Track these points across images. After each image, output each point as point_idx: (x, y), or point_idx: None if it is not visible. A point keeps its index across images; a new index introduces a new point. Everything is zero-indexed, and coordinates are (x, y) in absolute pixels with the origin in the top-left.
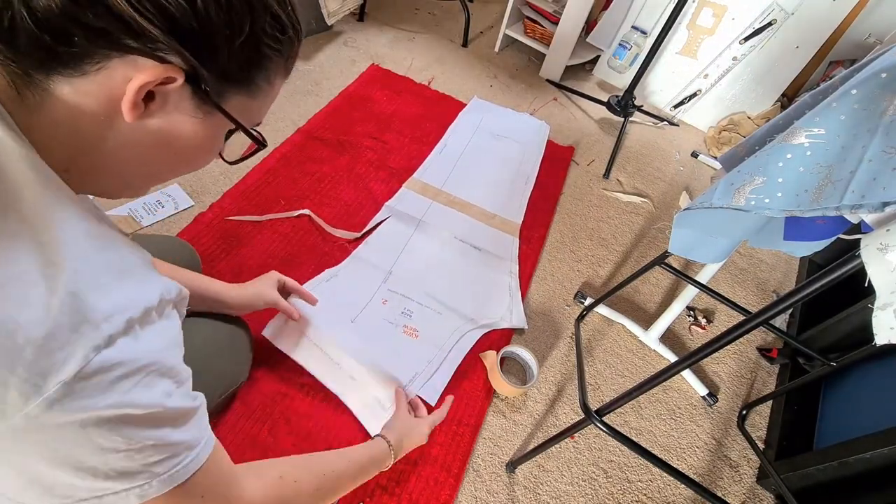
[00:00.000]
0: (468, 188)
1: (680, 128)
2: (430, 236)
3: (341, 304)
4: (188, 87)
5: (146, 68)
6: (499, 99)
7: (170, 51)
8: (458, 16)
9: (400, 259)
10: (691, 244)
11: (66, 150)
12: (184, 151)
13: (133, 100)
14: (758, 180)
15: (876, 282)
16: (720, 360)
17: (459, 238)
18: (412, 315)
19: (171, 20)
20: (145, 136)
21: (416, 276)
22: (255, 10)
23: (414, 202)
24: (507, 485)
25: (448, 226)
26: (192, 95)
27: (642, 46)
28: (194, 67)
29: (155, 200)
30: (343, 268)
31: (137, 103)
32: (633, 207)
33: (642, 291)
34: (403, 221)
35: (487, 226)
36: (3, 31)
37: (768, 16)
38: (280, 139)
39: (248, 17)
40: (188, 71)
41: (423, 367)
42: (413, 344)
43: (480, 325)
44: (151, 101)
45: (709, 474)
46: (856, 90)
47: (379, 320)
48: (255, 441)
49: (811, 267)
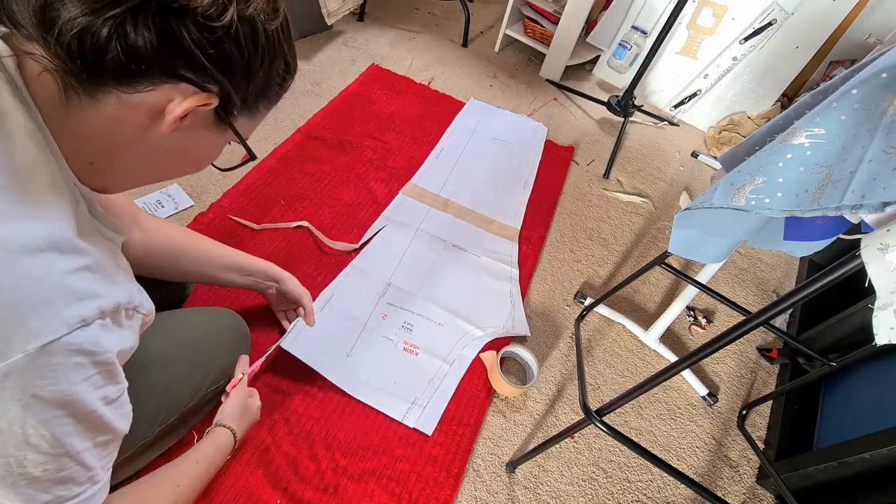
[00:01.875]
0: (466, 193)
1: (680, 128)
2: (428, 245)
3: (340, 328)
4: (217, 110)
5: (191, 93)
6: (499, 99)
7: (214, 83)
8: (458, 16)
9: (398, 269)
10: (691, 244)
11: (93, 148)
12: (196, 158)
13: (176, 118)
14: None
15: (876, 282)
16: (720, 360)
17: (458, 245)
18: (412, 329)
19: (226, 63)
20: (171, 144)
21: (416, 287)
22: (276, 58)
23: (411, 209)
24: (507, 485)
25: (446, 233)
26: (215, 115)
27: (642, 46)
28: (229, 96)
29: (155, 200)
30: (339, 284)
31: (177, 120)
32: (633, 207)
33: (642, 291)
34: (401, 230)
35: (486, 232)
36: (85, 52)
37: (768, 16)
38: (280, 139)
39: (271, 61)
40: (222, 98)
41: (423, 388)
42: (413, 363)
43: (482, 335)
44: (184, 118)
45: (709, 474)
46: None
47: (378, 339)
48: (255, 441)
49: (811, 267)
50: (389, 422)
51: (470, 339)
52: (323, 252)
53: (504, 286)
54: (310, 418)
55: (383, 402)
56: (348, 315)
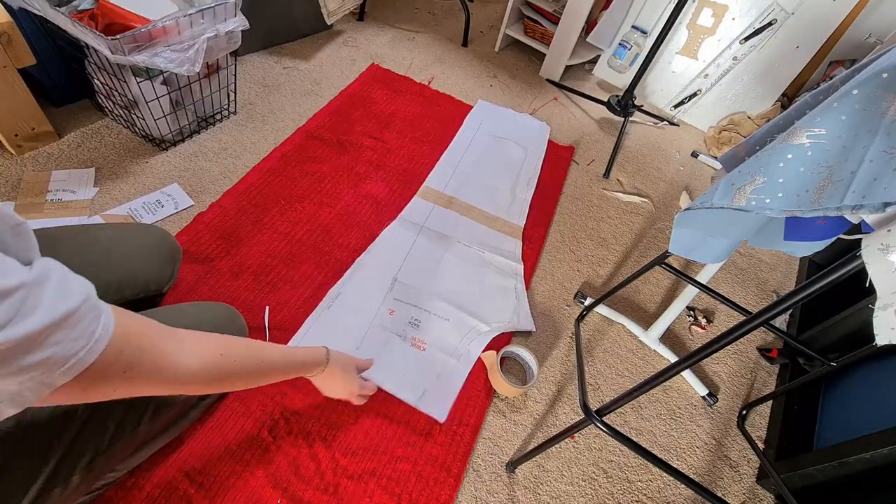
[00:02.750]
0: (470, 191)
1: (680, 128)
2: (433, 241)
3: (348, 327)
4: None
5: None
6: (499, 99)
7: None
8: (458, 15)
9: (405, 266)
10: (692, 244)
11: None
12: None
13: None
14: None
15: (877, 282)
16: (720, 360)
17: (463, 242)
18: (419, 325)
19: None
20: None
21: (422, 283)
22: None
23: (417, 207)
24: (507, 485)
25: (451, 230)
26: None
27: (642, 46)
28: None
29: (155, 200)
30: (348, 280)
31: None
32: (633, 207)
33: (642, 291)
34: (406, 227)
35: (490, 229)
36: None
37: (768, 16)
38: (280, 139)
39: None
40: None
41: (433, 381)
42: (421, 358)
43: (488, 330)
44: None
45: (709, 474)
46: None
47: (387, 335)
48: (255, 441)
49: (811, 267)
50: (389, 422)
51: (476, 335)
52: (324, 251)
53: (509, 282)
54: (310, 418)
55: (395, 389)
56: (357, 310)
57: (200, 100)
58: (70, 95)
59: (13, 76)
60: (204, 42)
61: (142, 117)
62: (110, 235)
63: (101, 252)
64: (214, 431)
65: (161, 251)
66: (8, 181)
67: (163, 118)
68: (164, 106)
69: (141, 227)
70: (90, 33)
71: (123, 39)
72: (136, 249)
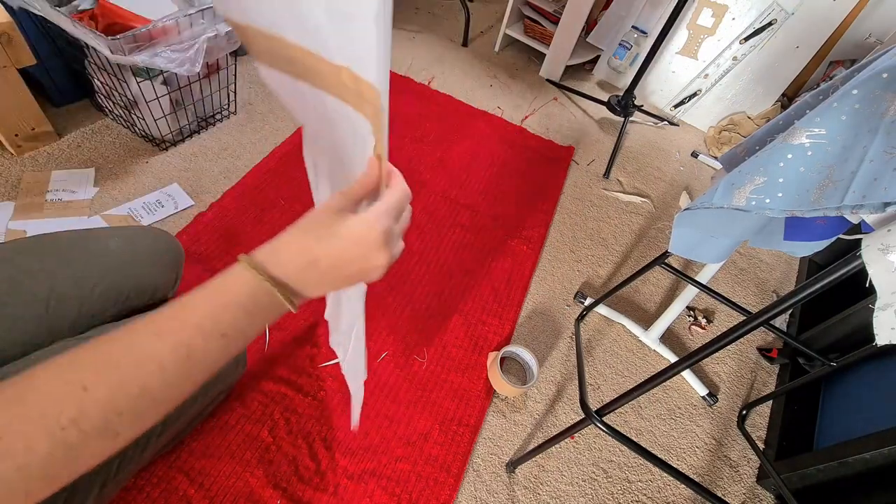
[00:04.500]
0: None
1: (680, 128)
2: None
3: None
4: None
5: None
6: (499, 99)
7: None
8: (458, 15)
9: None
10: (692, 244)
11: None
12: None
13: None
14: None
15: (877, 282)
16: (720, 360)
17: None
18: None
19: None
20: None
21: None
22: None
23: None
24: (507, 485)
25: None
26: None
27: (642, 46)
28: None
29: (155, 200)
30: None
31: None
32: (633, 207)
33: (642, 291)
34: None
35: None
36: None
37: (768, 16)
38: (280, 139)
39: None
40: None
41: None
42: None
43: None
44: None
45: (709, 474)
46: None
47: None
48: (255, 441)
49: (811, 267)
50: (389, 422)
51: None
52: None
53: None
54: (310, 418)
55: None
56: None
57: (200, 100)
58: (70, 95)
59: (13, 76)
60: (204, 42)
61: (142, 117)
62: (121, 245)
63: (114, 264)
64: (214, 431)
65: (170, 258)
66: (8, 181)
67: (163, 118)
68: (164, 106)
69: (149, 233)
70: (90, 33)
71: (123, 39)
72: (147, 258)
